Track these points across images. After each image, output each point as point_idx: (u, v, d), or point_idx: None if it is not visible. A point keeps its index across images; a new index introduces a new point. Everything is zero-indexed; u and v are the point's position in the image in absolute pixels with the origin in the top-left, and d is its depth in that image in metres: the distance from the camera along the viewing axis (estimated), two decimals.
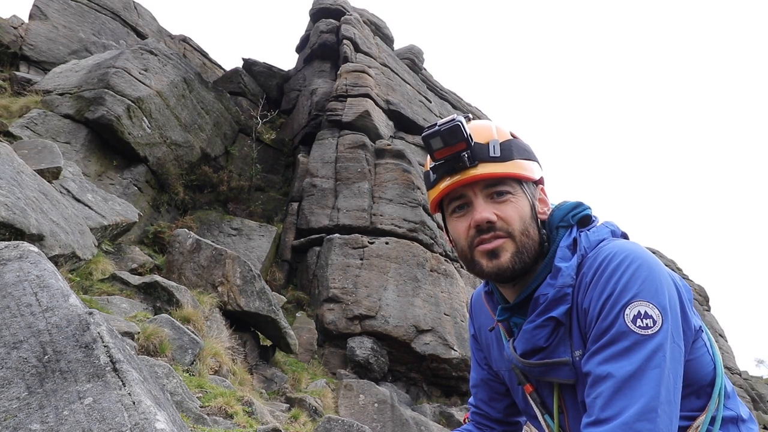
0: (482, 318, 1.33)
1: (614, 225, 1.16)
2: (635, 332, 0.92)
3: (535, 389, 1.14)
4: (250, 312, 7.93)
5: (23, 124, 9.59)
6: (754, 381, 24.42)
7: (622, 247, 1.03)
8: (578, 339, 1.03)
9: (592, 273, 1.02)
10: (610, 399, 0.89)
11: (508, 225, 1.06)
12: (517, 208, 1.07)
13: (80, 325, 2.06)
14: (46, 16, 14.05)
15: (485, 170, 1.06)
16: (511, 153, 1.08)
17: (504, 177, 1.07)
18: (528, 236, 1.08)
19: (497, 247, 1.06)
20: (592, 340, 0.97)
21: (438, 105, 19.69)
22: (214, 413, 4.79)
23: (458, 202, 1.10)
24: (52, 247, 5.25)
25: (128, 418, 1.78)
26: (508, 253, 1.06)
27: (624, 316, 0.94)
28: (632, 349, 0.91)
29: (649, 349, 0.90)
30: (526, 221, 1.08)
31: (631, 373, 0.89)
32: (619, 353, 0.92)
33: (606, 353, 0.93)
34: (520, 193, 1.09)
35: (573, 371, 1.03)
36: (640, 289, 0.95)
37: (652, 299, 0.94)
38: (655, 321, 0.92)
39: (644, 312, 0.93)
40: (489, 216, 1.05)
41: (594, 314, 0.98)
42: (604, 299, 0.97)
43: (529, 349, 1.07)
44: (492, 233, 1.06)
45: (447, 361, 10.96)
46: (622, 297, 0.95)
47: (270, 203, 14.40)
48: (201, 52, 21.14)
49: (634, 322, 0.93)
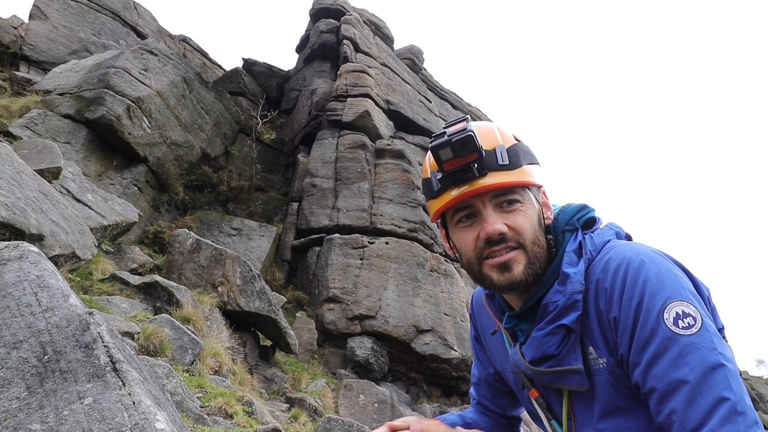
0: (483, 320, 1.31)
1: (618, 226, 1.15)
2: (681, 334, 0.89)
3: (540, 394, 1.12)
4: (250, 312, 7.92)
5: (23, 124, 9.58)
6: (754, 381, 24.41)
7: (633, 249, 1.01)
8: (603, 347, 1.00)
9: (611, 279, 0.99)
10: (687, 412, 0.86)
11: (520, 235, 1.03)
12: (527, 217, 1.05)
13: (80, 325, 2.06)
14: (46, 16, 14.05)
15: (495, 180, 1.02)
16: (519, 159, 1.05)
17: (514, 186, 1.04)
18: (539, 245, 1.05)
19: (509, 260, 1.03)
20: (637, 352, 0.93)
21: (438, 105, 19.69)
22: (214, 413, 4.79)
23: (465, 212, 1.06)
24: (52, 247, 5.25)
25: (128, 418, 1.77)
26: (521, 265, 1.03)
27: (664, 320, 0.91)
28: (686, 353, 0.88)
29: (703, 349, 0.88)
30: (536, 230, 1.05)
31: (696, 379, 0.86)
32: (675, 361, 0.88)
33: (662, 364, 0.90)
34: (528, 201, 1.06)
35: (585, 378, 1.01)
36: (669, 289, 0.93)
37: (684, 297, 0.92)
38: (695, 318, 0.90)
39: (682, 312, 0.91)
40: (501, 228, 1.01)
41: (629, 323, 0.95)
42: (636, 306, 0.94)
43: (539, 357, 1.05)
44: (503, 245, 1.03)
45: (447, 361, 10.96)
46: (656, 301, 0.92)
47: (270, 203, 14.40)
48: (201, 52, 21.14)
49: (675, 324, 0.90)
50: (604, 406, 1.01)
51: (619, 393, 0.99)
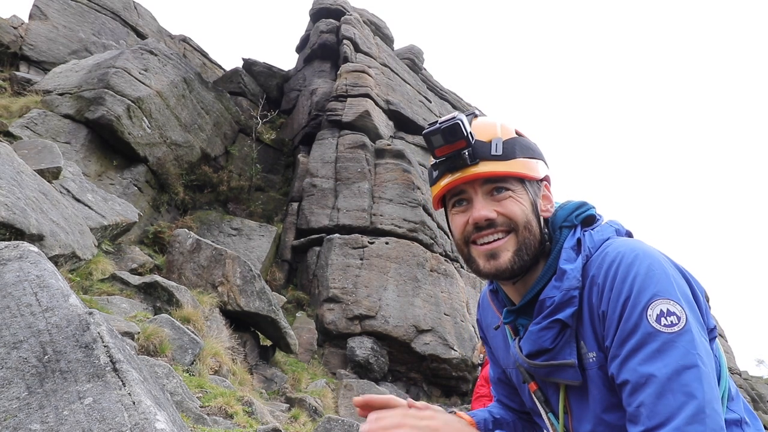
0: (489, 317, 1.33)
1: (618, 224, 1.15)
2: (662, 332, 0.90)
3: (539, 387, 1.14)
4: (250, 312, 7.92)
5: (23, 124, 9.59)
6: (754, 381, 24.43)
7: (630, 245, 1.02)
8: (592, 341, 1.01)
9: (603, 274, 1.00)
10: (654, 406, 0.87)
11: (511, 219, 1.06)
12: (518, 204, 1.07)
13: (80, 325, 2.06)
14: (46, 16, 14.05)
15: (486, 168, 1.05)
16: (514, 151, 1.07)
17: (505, 176, 1.07)
18: (530, 231, 1.07)
19: (497, 247, 1.05)
20: (618, 345, 0.95)
21: (438, 105, 19.69)
22: (214, 413, 4.79)
23: (458, 198, 1.11)
24: (52, 247, 5.25)
25: (128, 418, 1.77)
26: (509, 252, 1.05)
27: (647, 316, 0.92)
28: (663, 349, 0.89)
29: (681, 348, 0.89)
30: (528, 215, 1.07)
31: (669, 375, 0.87)
32: (651, 356, 0.90)
33: (638, 358, 0.91)
34: (521, 191, 1.08)
35: (579, 373, 1.03)
36: (657, 287, 0.94)
37: (671, 296, 0.93)
38: (679, 317, 0.91)
39: (667, 310, 0.91)
40: (487, 214, 1.05)
41: (614, 318, 0.96)
42: (623, 301, 0.95)
43: (535, 351, 1.07)
44: (491, 229, 1.06)
45: (447, 361, 10.96)
46: (642, 297, 0.93)
47: (270, 203, 14.41)
48: (201, 52, 21.15)
49: (658, 321, 0.91)
50: (599, 402, 1.01)
51: (609, 389, 1.00)
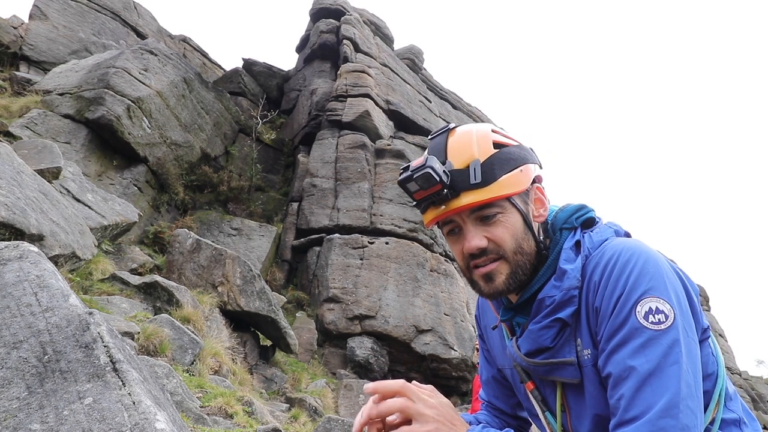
0: (487, 317, 1.35)
1: (617, 225, 1.17)
2: (648, 328, 0.92)
3: (536, 387, 1.15)
4: (250, 312, 7.93)
5: (23, 124, 9.59)
6: (754, 381, 24.43)
7: (627, 244, 1.04)
8: (587, 339, 1.03)
9: (600, 272, 1.02)
10: (632, 399, 0.90)
11: (500, 247, 1.06)
12: (507, 227, 1.06)
13: (80, 325, 2.06)
14: (46, 16, 14.05)
15: (468, 200, 1.04)
16: (494, 173, 1.05)
17: (488, 202, 1.05)
18: (522, 253, 1.08)
19: (491, 271, 1.07)
20: (606, 339, 0.97)
21: (438, 105, 19.69)
22: (214, 413, 4.79)
23: (449, 227, 1.11)
24: (52, 247, 5.25)
25: (128, 418, 1.78)
26: (503, 275, 1.07)
27: (636, 313, 0.94)
28: (647, 345, 0.91)
29: (665, 345, 0.91)
30: (518, 238, 1.07)
31: (649, 370, 0.90)
32: (635, 351, 0.92)
33: (622, 352, 0.93)
34: (509, 210, 1.07)
35: (578, 371, 1.04)
36: (649, 285, 0.96)
37: (662, 294, 0.95)
38: (667, 316, 0.93)
39: (655, 308, 0.93)
40: (478, 243, 1.05)
41: (606, 313, 0.99)
42: (616, 298, 0.97)
43: (534, 349, 1.08)
44: (484, 257, 1.07)
45: (447, 361, 10.96)
46: (633, 294, 0.96)
47: (270, 203, 14.41)
48: (201, 52, 21.15)
49: (646, 318, 0.93)
50: (595, 398, 1.03)
51: (604, 386, 1.00)
